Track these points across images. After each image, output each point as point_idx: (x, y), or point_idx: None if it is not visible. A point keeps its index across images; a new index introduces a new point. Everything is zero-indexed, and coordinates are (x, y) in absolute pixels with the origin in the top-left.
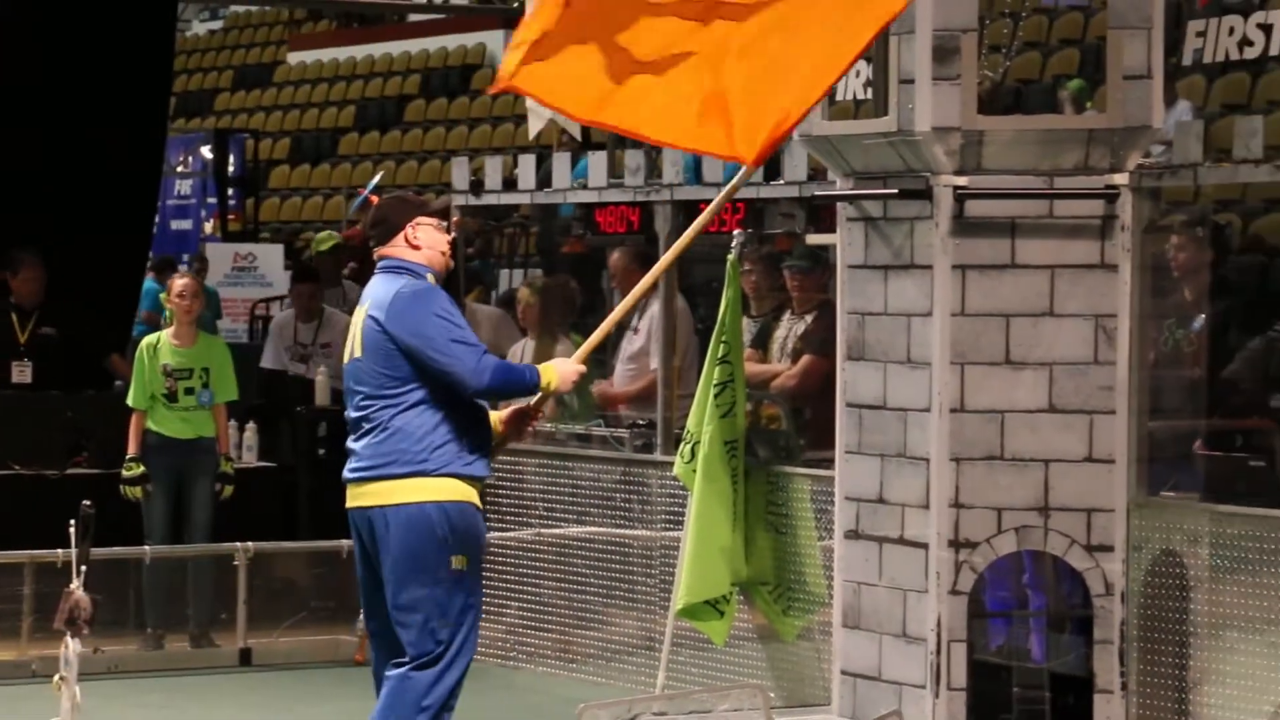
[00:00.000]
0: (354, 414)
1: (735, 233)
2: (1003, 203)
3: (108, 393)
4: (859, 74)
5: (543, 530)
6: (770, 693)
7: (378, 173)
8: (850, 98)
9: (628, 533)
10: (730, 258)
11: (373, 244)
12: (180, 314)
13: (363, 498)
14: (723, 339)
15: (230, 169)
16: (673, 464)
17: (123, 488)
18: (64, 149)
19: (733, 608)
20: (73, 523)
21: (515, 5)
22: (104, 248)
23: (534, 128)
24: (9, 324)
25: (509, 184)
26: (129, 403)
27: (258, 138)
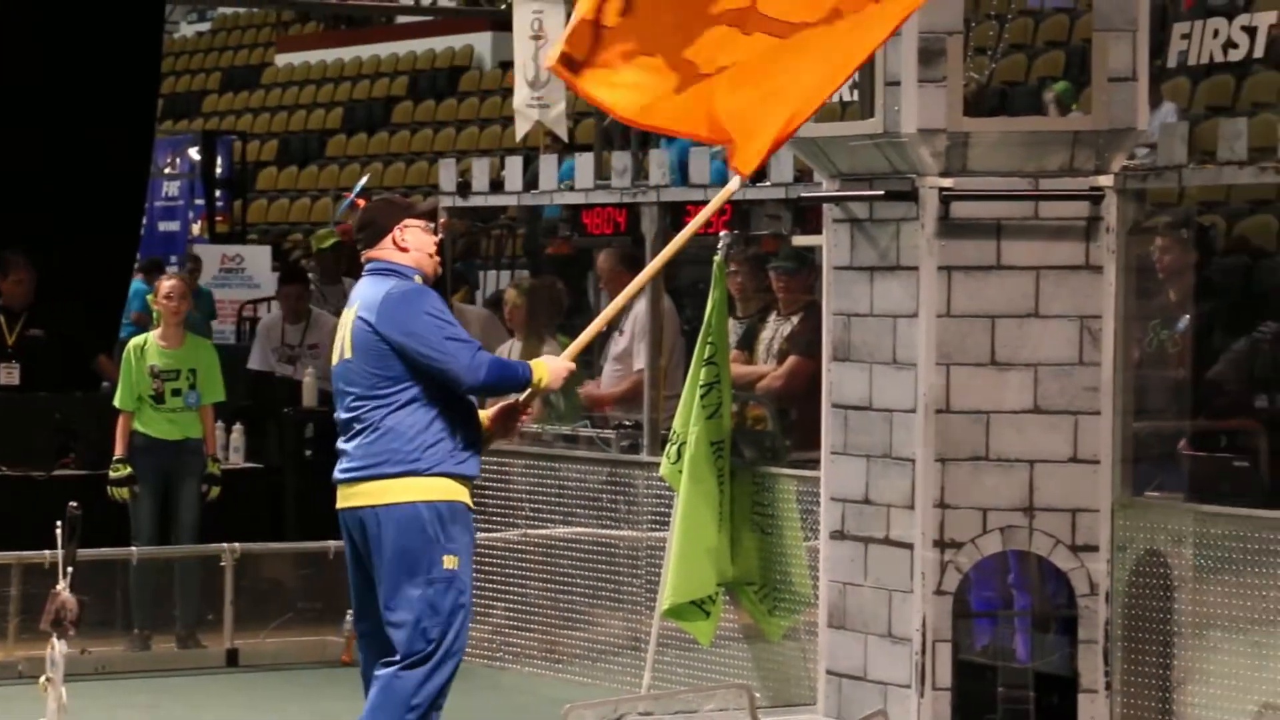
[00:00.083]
0: (344, 415)
1: (721, 234)
2: (988, 204)
3: (95, 394)
4: None
5: (529, 531)
6: (756, 693)
7: (365, 174)
8: (837, 100)
9: (614, 533)
10: (716, 259)
11: (360, 246)
12: (168, 315)
13: (355, 498)
14: (709, 340)
15: (218, 170)
16: (659, 465)
17: (110, 489)
18: (63, 149)
19: (718, 608)
20: (60, 524)
21: (503, 7)
22: (92, 249)
23: (521, 129)
24: None
25: (496, 186)
26: (116, 404)
27: (245, 139)
